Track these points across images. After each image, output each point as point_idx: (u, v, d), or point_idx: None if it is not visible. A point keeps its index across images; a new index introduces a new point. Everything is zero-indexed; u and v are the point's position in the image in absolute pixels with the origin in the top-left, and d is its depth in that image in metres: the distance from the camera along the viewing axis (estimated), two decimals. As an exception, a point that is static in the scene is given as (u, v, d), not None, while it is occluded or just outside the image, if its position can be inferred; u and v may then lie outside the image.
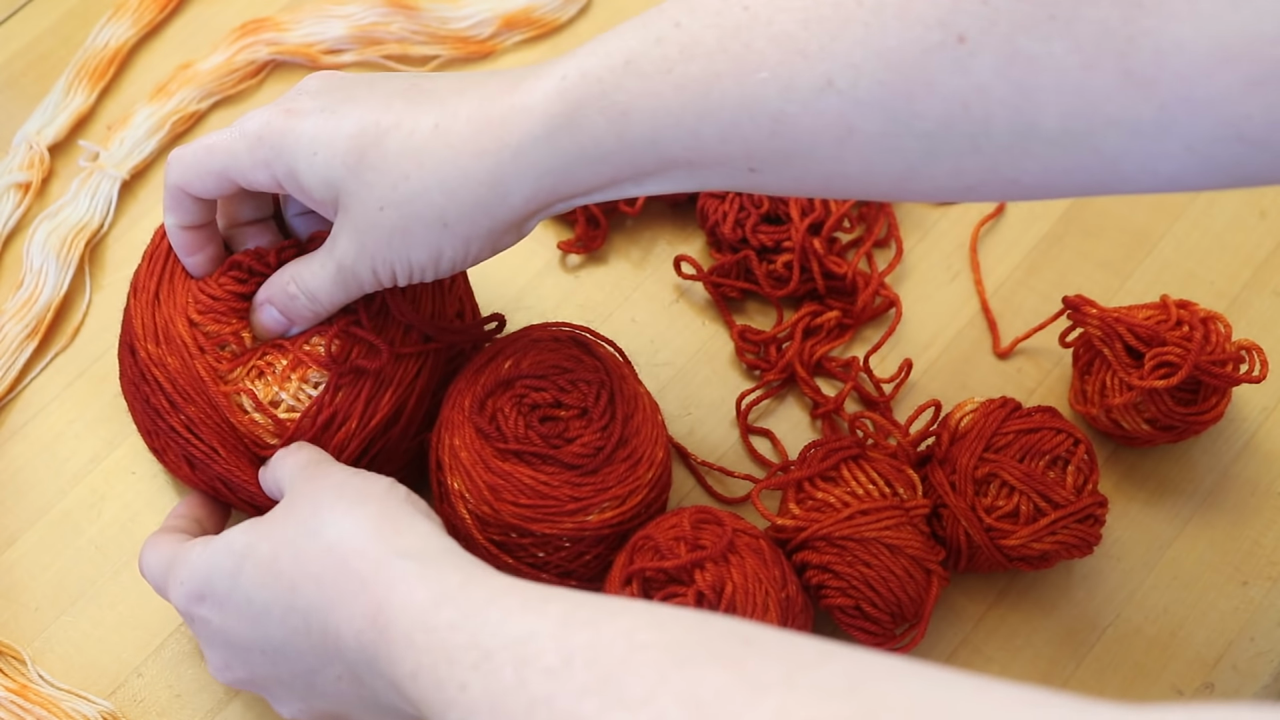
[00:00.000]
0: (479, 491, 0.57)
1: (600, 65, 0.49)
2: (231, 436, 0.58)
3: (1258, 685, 0.62)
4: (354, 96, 0.54)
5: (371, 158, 0.52)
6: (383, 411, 0.59)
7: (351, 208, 0.53)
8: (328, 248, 0.55)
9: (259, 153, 0.54)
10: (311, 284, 0.56)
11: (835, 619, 0.59)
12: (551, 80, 0.50)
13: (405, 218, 0.52)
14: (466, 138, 0.51)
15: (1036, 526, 0.59)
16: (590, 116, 0.49)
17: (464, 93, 0.52)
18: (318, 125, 0.53)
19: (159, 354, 0.59)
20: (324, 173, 0.53)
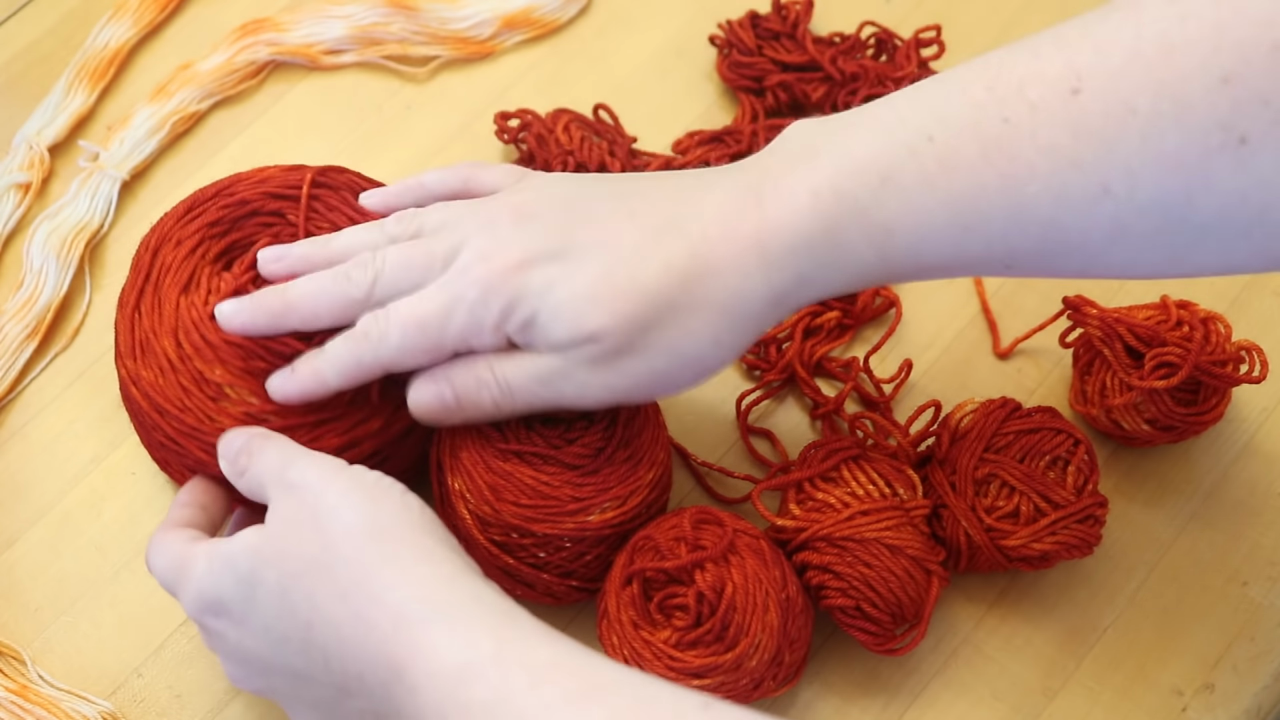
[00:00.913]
0: (480, 491, 0.57)
1: (855, 183, 0.49)
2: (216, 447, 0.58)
3: (1258, 685, 0.62)
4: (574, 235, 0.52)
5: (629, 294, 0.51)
6: (404, 422, 0.58)
7: (603, 339, 0.52)
8: (553, 354, 0.53)
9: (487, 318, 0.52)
10: (515, 379, 0.54)
11: (836, 619, 0.59)
12: (803, 197, 0.50)
13: (673, 342, 0.52)
14: (728, 258, 0.51)
15: (1037, 527, 0.59)
16: (849, 233, 0.50)
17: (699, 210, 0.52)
18: (552, 276, 0.51)
19: (135, 369, 0.59)
20: (575, 325, 0.51)
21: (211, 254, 0.60)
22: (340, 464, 0.52)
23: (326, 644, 0.48)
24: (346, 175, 0.62)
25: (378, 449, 0.59)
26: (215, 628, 0.52)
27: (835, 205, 0.49)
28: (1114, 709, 0.61)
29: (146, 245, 0.61)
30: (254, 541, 0.51)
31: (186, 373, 0.58)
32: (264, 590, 0.50)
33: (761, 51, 0.76)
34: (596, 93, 0.76)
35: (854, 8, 0.79)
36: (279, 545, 0.50)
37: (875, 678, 0.62)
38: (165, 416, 0.58)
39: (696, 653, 0.55)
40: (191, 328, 0.58)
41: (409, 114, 0.76)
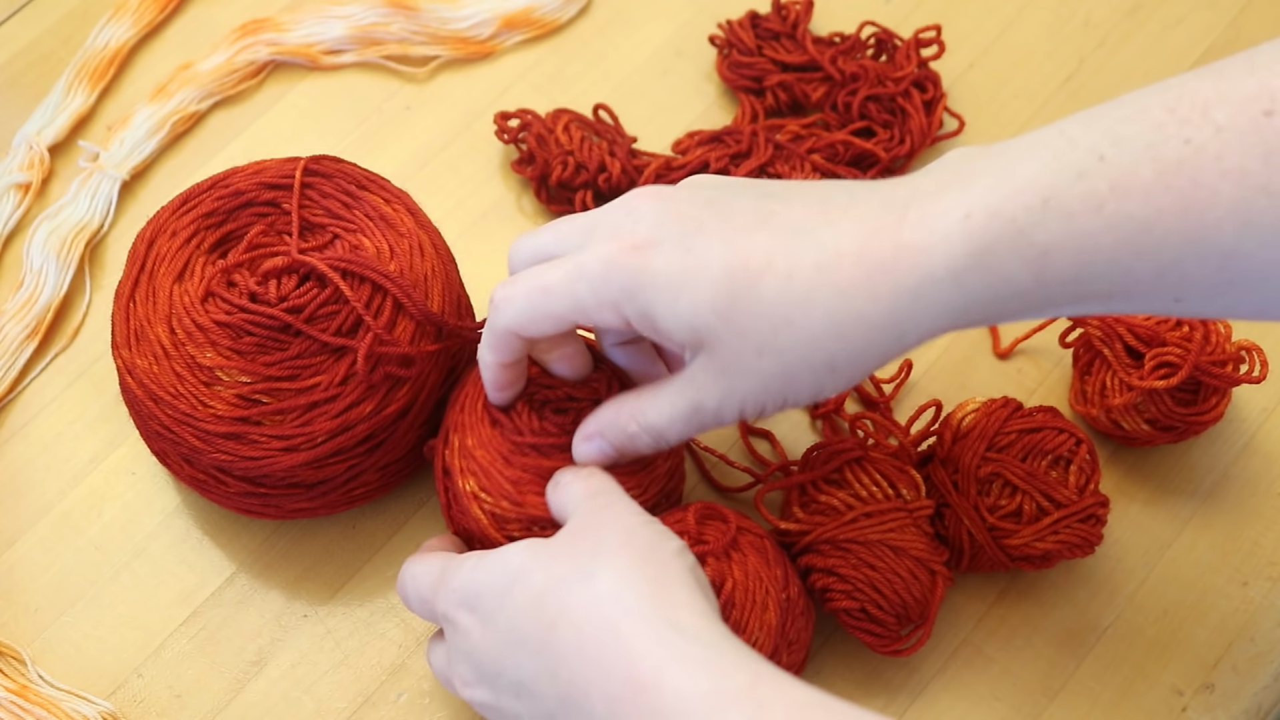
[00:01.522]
0: (499, 488, 0.57)
1: (1014, 204, 0.46)
2: (210, 433, 0.58)
3: (1258, 685, 0.62)
4: (705, 228, 0.50)
5: (746, 302, 0.48)
6: (397, 404, 0.59)
7: (721, 352, 0.50)
8: (681, 387, 0.52)
9: (606, 294, 0.50)
10: (659, 423, 0.53)
11: (841, 622, 0.59)
12: (953, 219, 0.46)
13: (788, 364, 0.49)
14: (858, 281, 0.47)
15: (1039, 526, 0.59)
16: (1002, 257, 0.46)
17: (836, 223, 0.48)
18: (675, 265, 0.49)
19: (130, 358, 0.59)
20: (689, 318, 0.49)
21: (206, 244, 0.61)
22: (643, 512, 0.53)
23: (564, 648, 0.47)
24: (341, 164, 0.63)
25: (371, 433, 0.59)
26: (464, 623, 0.52)
27: (989, 228, 0.46)
28: (1114, 709, 0.61)
29: (143, 237, 0.61)
30: (534, 545, 0.51)
31: (180, 359, 0.58)
32: (522, 587, 0.49)
33: (761, 51, 0.76)
34: (596, 93, 0.76)
35: (854, 8, 0.79)
36: (556, 550, 0.50)
37: (875, 678, 0.62)
38: (160, 404, 0.58)
39: None
40: (184, 313, 0.58)
41: (409, 114, 0.76)
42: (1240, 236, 0.44)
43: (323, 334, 0.57)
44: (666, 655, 0.45)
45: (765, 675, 0.44)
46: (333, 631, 0.63)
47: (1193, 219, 0.44)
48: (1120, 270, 0.46)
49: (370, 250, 0.60)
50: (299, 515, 0.62)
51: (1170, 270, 0.45)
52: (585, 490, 0.54)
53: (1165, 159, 0.44)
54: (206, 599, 0.64)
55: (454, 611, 0.52)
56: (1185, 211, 0.44)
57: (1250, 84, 0.44)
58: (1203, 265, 0.45)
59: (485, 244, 0.72)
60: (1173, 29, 0.79)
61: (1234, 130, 0.43)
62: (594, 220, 0.52)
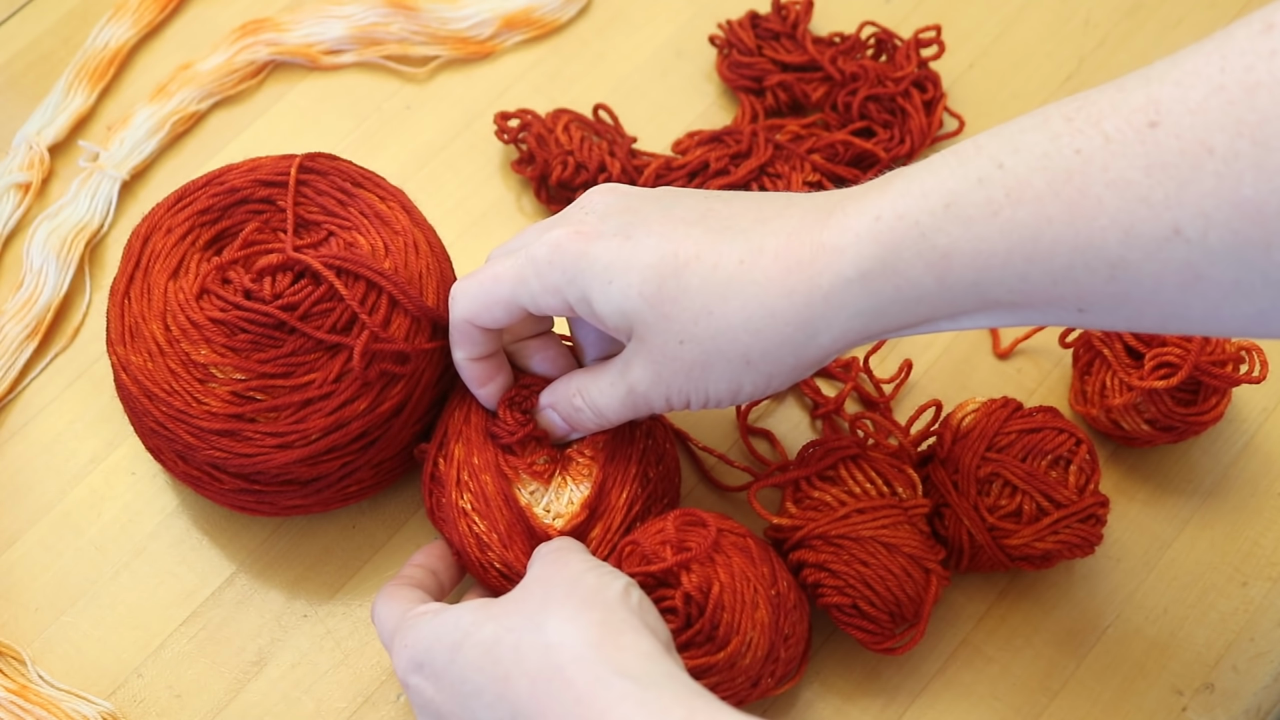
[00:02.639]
0: (493, 520, 0.58)
1: (917, 207, 0.47)
2: (204, 429, 0.58)
3: (1258, 685, 0.62)
4: (647, 220, 0.52)
5: (671, 290, 0.51)
6: (391, 402, 0.59)
7: (648, 338, 0.52)
8: (619, 369, 0.55)
9: (550, 278, 0.53)
10: (599, 401, 0.56)
11: (833, 618, 0.59)
12: (864, 220, 0.48)
13: (706, 353, 0.51)
14: (774, 276, 0.50)
15: (1039, 526, 0.59)
16: (907, 260, 0.48)
17: (767, 223, 0.51)
18: (612, 251, 0.52)
19: (125, 355, 0.59)
20: (619, 302, 0.52)
21: (201, 241, 0.61)
22: None
23: (519, 696, 0.48)
24: (336, 162, 0.63)
25: (365, 430, 0.59)
26: (415, 683, 0.53)
27: (895, 230, 0.48)
28: (1114, 709, 0.61)
29: (138, 233, 0.61)
30: (483, 603, 0.52)
31: (174, 355, 0.58)
32: (473, 641, 0.50)
33: (761, 51, 0.76)
34: (596, 93, 0.76)
35: (854, 8, 0.79)
36: (505, 604, 0.51)
37: (875, 677, 0.62)
38: (154, 401, 0.58)
39: (689, 654, 0.55)
40: (178, 310, 0.58)
41: (409, 114, 0.76)
42: (1125, 247, 0.44)
43: (317, 331, 0.58)
44: (612, 698, 0.46)
45: (700, 709, 0.45)
46: (333, 631, 0.63)
47: (1080, 228, 0.45)
48: (1016, 276, 0.47)
49: (365, 248, 0.60)
50: (293, 512, 0.62)
51: (1064, 279, 0.46)
52: (541, 550, 0.55)
53: (1056, 168, 0.45)
54: (206, 599, 0.64)
55: (405, 673, 0.53)
56: (1073, 220, 0.45)
57: (1140, 96, 0.44)
58: (1093, 275, 0.45)
59: (485, 244, 0.72)
60: (1173, 29, 0.79)
61: (1120, 141, 0.44)
62: (555, 217, 0.56)
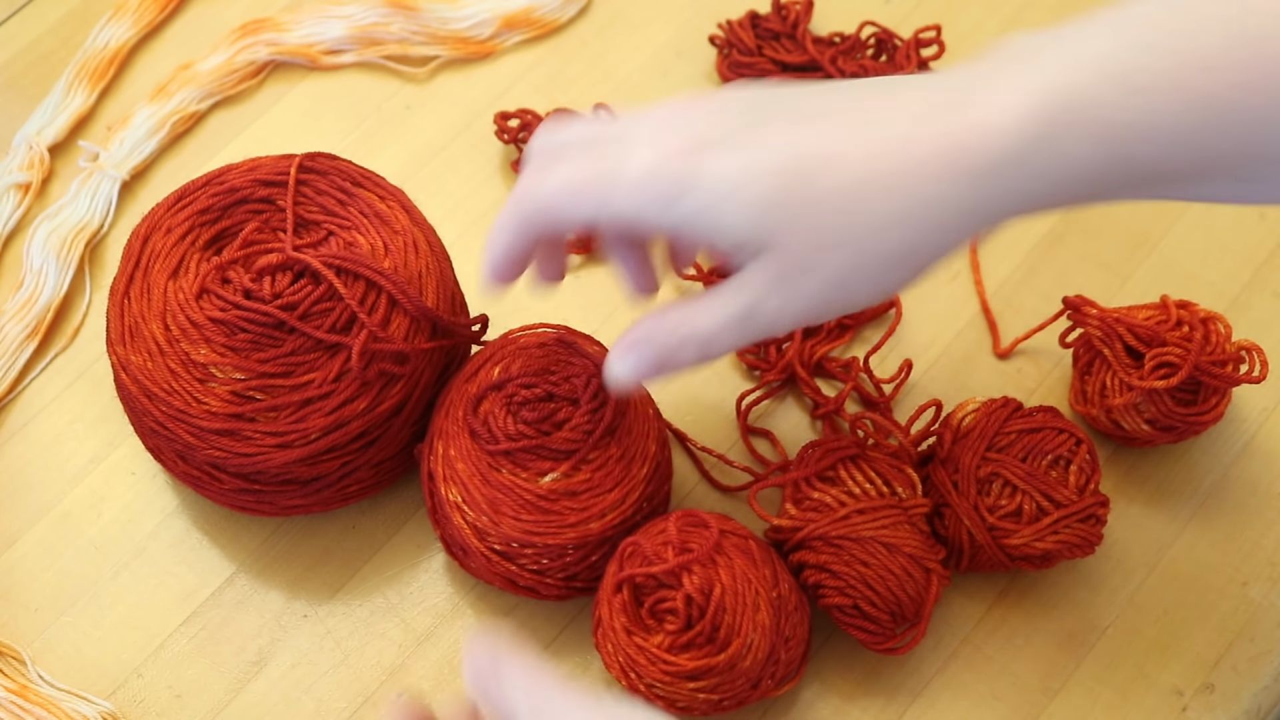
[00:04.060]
0: (478, 504, 0.58)
1: (1083, 80, 0.44)
2: (204, 429, 0.58)
3: (1258, 686, 0.62)
4: (761, 122, 0.47)
5: (811, 192, 0.46)
6: (391, 401, 0.59)
7: (783, 249, 0.47)
8: (734, 291, 0.48)
9: (652, 194, 0.47)
10: (708, 330, 0.49)
11: (834, 619, 0.59)
12: (1019, 95, 0.44)
13: (857, 254, 0.46)
14: (927, 163, 0.45)
15: (1039, 526, 0.59)
16: (1074, 135, 0.44)
17: (902, 108, 0.46)
18: (728, 162, 0.46)
19: (125, 355, 0.59)
20: (748, 214, 0.46)
21: (201, 241, 0.61)
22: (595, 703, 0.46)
23: None
24: (336, 161, 0.63)
25: (365, 429, 0.59)
26: None
27: (1059, 105, 0.44)
28: (1114, 709, 0.61)
29: (138, 233, 0.61)
30: None
31: (174, 355, 0.58)
32: None
33: (761, 51, 0.76)
34: (596, 93, 0.76)
35: (854, 8, 0.79)
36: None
37: (875, 677, 0.62)
38: (154, 400, 0.58)
39: (689, 655, 0.55)
40: (178, 310, 0.58)
41: (409, 114, 0.76)
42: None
43: (317, 331, 0.58)
44: None
45: None
46: (333, 631, 0.63)
47: (1272, 95, 0.42)
48: (1195, 149, 0.44)
49: (365, 247, 0.60)
50: (293, 512, 0.62)
51: (1251, 148, 0.44)
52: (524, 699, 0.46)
53: (1241, 34, 0.42)
54: (206, 599, 0.64)
55: None
56: (1267, 88, 0.42)
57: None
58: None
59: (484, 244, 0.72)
60: (1173, 29, 0.79)
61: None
62: (630, 126, 0.49)
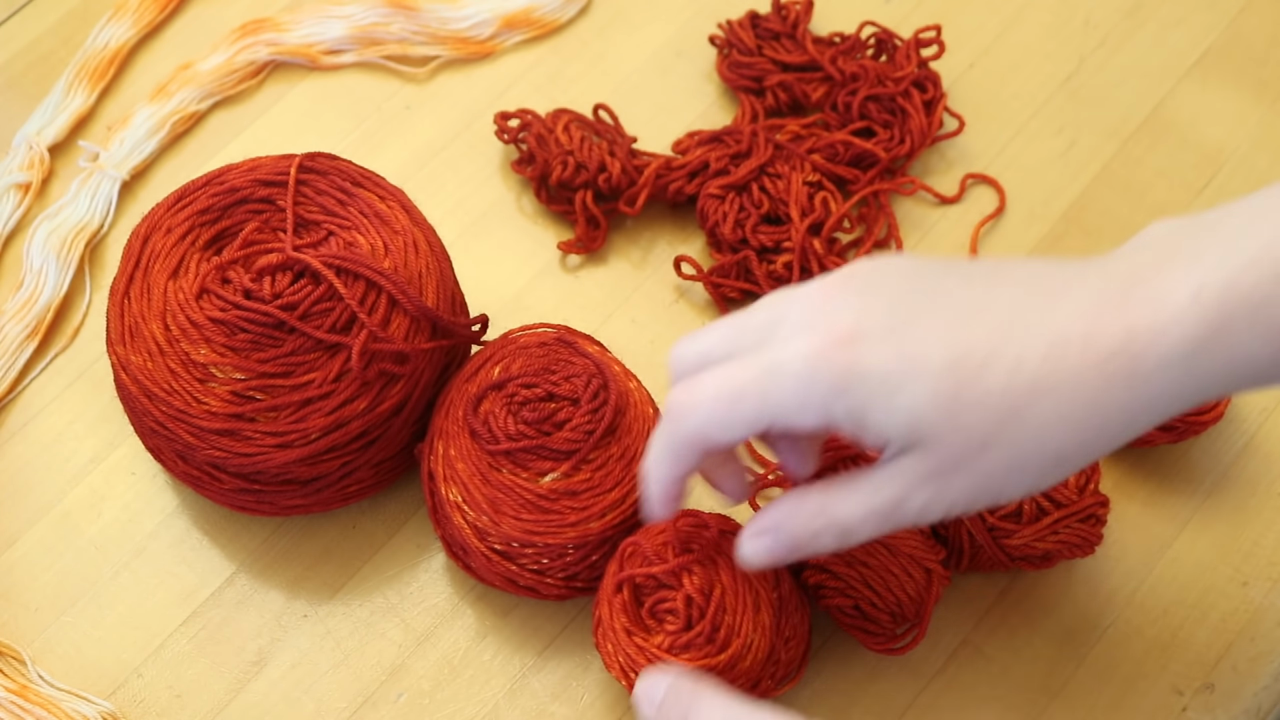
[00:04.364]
0: (478, 504, 0.58)
1: (1248, 277, 0.43)
2: (204, 429, 0.58)
3: (1258, 685, 0.62)
4: (916, 316, 0.46)
5: (971, 394, 0.45)
6: (391, 401, 0.59)
7: (939, 448, 0.46)
8: (882, 482, 0.48)
9: (812, 394, 0.46)
10: (850, 520, 0.48)
11: (835, 619, 0.59)
12: (1182, 296, 0.44)
13: (1015, 457, 0.46)
14: (1088, 367, 0.44)
15: (1039, 526, 0.59)
16: (1239, 334, 0.44)
17: (1058, 305, 0.46)
18: (890, 359, 0.45)
19: (125, 355, 0.59)
20: (907, 415, 0.45)
21: (201, 241, 0.61)
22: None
23: None
24: (336, 161, 0.63)
25: (365, 429, 0.59)
26: None
27: (1224, 304, 0.43)
28: (1114, 709, 0.61)
29: (138, 233, 0.61)
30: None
31: (174, 355, 0.58)
32: None
33: (761, 51, 0.76)
34: (596, 93, 0.76)
35: (854, 8, 0.79)
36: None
37: (875, 677, 0.62)
38: (154, 400, 0.58)
39: (689, 655, 0.55)
40: (178, 309, 0.58)
41: (409, 114, 0.76)
42: None
43: (317, 331, 0.58)
44: None
45: None
46: (333, 631, 0.63)
47: None
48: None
49: (365, 247, 0.60)
50: (293, 512, 0.62)
51: None
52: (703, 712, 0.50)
53: None
54: (206, 599, 0.64)
55: None
56: None
57: None
58: None
59: (485, 243, 0.72)
60: (1173, 29, 0.79)
61: None
62: (775, 314, 0.48)
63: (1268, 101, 0.76)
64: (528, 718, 0.61)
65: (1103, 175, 0.74)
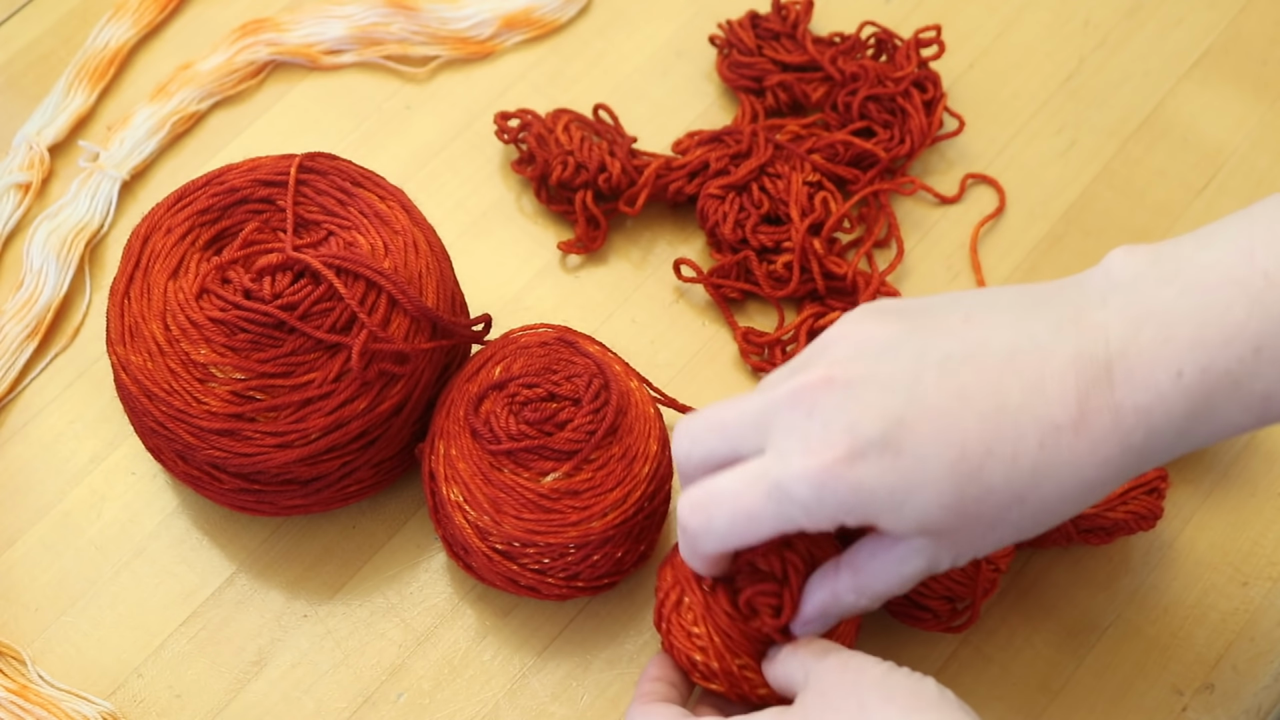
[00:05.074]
0: (479, 504, 0.58)
1: (1226, 357, 0.45)
2: (204, 429, 0.58)
3: (1258, 685, 0.62)
4: (903, 419, 0.47)
5: (975, 492, 0.47)
6: (391, 401, 0.59)
7: (950, 536, 0.49)
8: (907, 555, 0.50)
9: (822, 512, 0.48)
10: (886, 590, 0.51)
11: (888, 610, 0.60)
12: (1164, 378, 0.46)
13: (1020, 530, 0.49)
14: (1082, 452, 0.47)
15: (1110, 497, 0.59)
16: (1223, 408, 0.46)
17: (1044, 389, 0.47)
18: (889, 476, 0.47)
19: (125, 355, 0.59)
20: (916, 520, 0.48)
21: (201, 241, 0.61)
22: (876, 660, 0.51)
23: None
24: (336, 161, 0.63)
25: (365, 429, 0.59)
26: None
27: (1205, 384, 0.45)
28: (1114, 709, 0.61)
29: (138, 233, 0.61)
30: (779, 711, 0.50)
31: (174, 355, 0.58)
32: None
33: (761, 51, 0.76)
34: (596, 93, 0.76)
35: (854, 8, 0.79)
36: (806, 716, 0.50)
37: (875, 678, 0.62)
38: (154, 400, 0.58)
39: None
40: (178, 310, 0.58)
41: (409, 114, 0.76)
42: None
43: (317, 331, 0.58)
44: None
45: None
46: (333, 631, 0.63)
47: None
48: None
49: (365, 247, 0.60)
50: (293, 512, 0.62)
51: None
52: (811, 653, 0.52)
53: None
54: (206, 599, 0.64)
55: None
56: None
57: None
58: None
59: (485, 243, 0.72)
60: (1173, 29, 0.79)
61: None
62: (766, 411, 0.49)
63: (1268, 101, 0.76)
64: (528, 718, 0.61)
65: (1103, 175, 0.74)
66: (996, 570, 0.59)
